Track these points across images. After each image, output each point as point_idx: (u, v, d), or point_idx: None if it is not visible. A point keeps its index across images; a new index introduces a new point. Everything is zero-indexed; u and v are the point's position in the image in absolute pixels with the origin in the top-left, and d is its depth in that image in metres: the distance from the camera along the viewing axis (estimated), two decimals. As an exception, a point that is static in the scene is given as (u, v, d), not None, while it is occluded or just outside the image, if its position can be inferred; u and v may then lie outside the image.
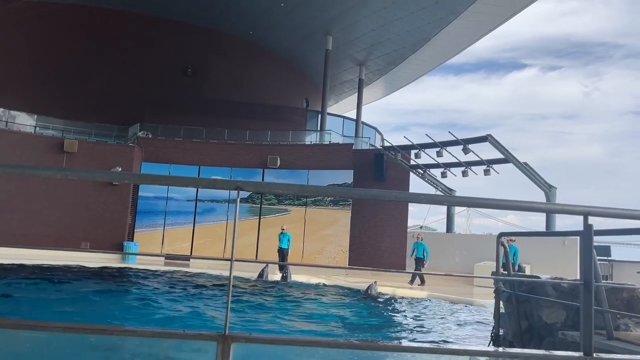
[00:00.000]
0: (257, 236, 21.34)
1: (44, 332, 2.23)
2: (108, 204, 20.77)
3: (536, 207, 2.42)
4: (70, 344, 2.34)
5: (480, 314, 10.82)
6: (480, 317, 10.34)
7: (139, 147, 22.11)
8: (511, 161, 17.65)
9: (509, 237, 8.78)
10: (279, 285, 14.14)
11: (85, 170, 2.41)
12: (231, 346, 2.01)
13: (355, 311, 10.68)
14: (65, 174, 2.11)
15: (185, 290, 11.93)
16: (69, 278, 12.65)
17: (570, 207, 2.31)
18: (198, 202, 22.22)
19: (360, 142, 24.30)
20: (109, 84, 25.68)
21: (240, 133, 23.54)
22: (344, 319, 9.50)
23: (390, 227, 20.38)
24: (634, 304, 4.30)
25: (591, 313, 2.31)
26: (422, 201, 2.18)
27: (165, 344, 2.15)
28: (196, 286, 12.76)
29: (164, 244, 21.78)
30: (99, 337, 2.11)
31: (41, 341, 2.26)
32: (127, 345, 2.75)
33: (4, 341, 2.23)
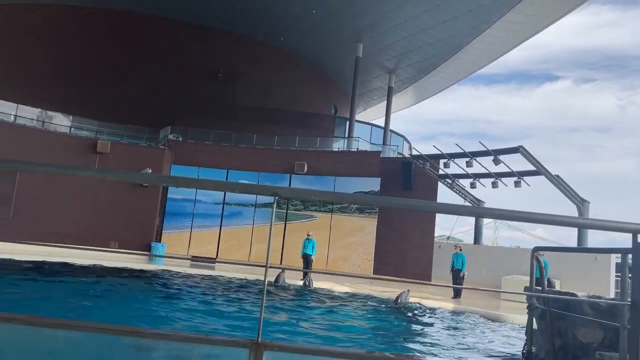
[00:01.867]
0: (282, 241, 21.37)
1: (78, 331, 2.23)
2: (137, 204, 21.11)
3: (583, 224, 2.32)
4: (103, 345, 2.34)
5: (510, 329, 10.57)
6: (510, 332, 10.10)
7: (169, 149, 22.43)
8: (543, 173, 17.29)
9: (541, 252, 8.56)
10: (303, 291, 14.09)
11: (123, 172, 2.42)
12: (263, 354, 1.97)
13: (383, 321, 10.56)
14: (104, 175, 2.11)
15: (213, 294, 11.99)
16: (97, 277, 12.85)
17: (618, 224, 2.21)
18: (225, 205, 22.39)
19: (388, 150, 24.16)
20: (142, 88, 26.18)
21: (269, 138, 23.68)
22: (372, 329, 9.39)
23: (417, 237, 20.16)
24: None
25: (638, 335, 2.20)
26: (463, 213, 2.11)
27: (196, 349, 2.13)
28: (224, 290, 12.81)
29: (190, 246, 22.00)
30: (131, 339, 2.10)
31: (75, 341, 2.27)
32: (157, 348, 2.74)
33: (38, 340, 2.24)
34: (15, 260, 13.59)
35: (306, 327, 8.26)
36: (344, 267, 20.26)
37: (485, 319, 12.14)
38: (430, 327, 10.56)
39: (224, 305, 9.94)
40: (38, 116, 21.83)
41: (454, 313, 12.86)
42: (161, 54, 26.68)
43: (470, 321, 11.76)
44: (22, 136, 19.68)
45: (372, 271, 20.07)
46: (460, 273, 16.13)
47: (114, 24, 25.97)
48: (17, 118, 20.67)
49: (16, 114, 20.76)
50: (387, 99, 30.67)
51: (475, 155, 18.26)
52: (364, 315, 11.30)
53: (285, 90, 29.18)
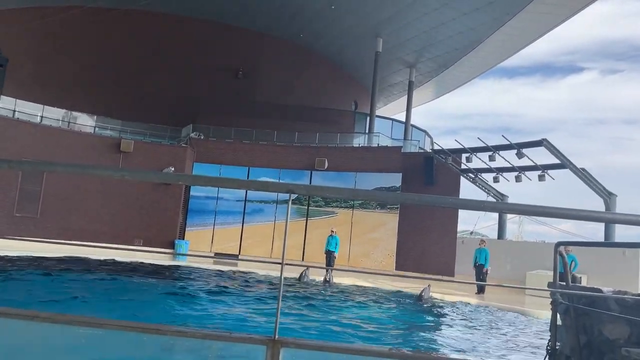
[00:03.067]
0: (304, 238, 21.44)
1: (100, 329, 2.26)
2: (161, 202, 21.40)
3: (608, 218, 2.27)
4: (124, 341, 2.38)
5: (534, 324, 10.43)
6: (534, 328, 9.96)
7: (191, 147, 22.66)
8: (568, 167, 16.96)
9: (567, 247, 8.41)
10: (324, 288, 14.12)
11: (141, 171, 2.45)
12: (280, 351, 1.98)
13: (404, 317, 10.51)
14: (121, 175, 2.14)
15: (234, 290, 12.09)
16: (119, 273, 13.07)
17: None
18: (247, 202, 22.54)
19: (410, 145, 23.99)
20: (163, 87, 26.49)
21: (289, 135, 23.74)
22: (394, 324, 9.37)
23: (439, 232, 19.99)
24: None
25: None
26: (486, 209, 2.08)
27: (215, 345, 2.16)
28: (245, 287, 12.91)
29: (213, 243, 22.22)
30: (152, 336, 2.13)
31: (96, 338, 2.30)
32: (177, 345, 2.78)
33: (62, 337, 2.29)
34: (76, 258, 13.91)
35: (325, 324, 8.27)
36: (366, 263, 20.23)
37: (509, 315, 12.00)
38: (452, 323, 10.48)
39: (244, 302, 10.02)
40: (63, 117, 22.27)
41: (477, 308, 12.74)
42: (181, 53, 26.93)
43: (493, 316, 11.64)
44: (49, 136, 20.11)
45: (394, 267, 19.99)
46: (483, 268, 16.00)
47: (136, 24, 26.30)
48: (43, 119, 21.12)
49: (42, 115, 21.21)
50: (408, 94, 30.43)
51: (498, 149, 18.01)
52: (385, 311, 11.27)
53: (305, 87, 29.20)
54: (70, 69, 26.17)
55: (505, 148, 17.79)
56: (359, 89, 32.59)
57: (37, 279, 10.48)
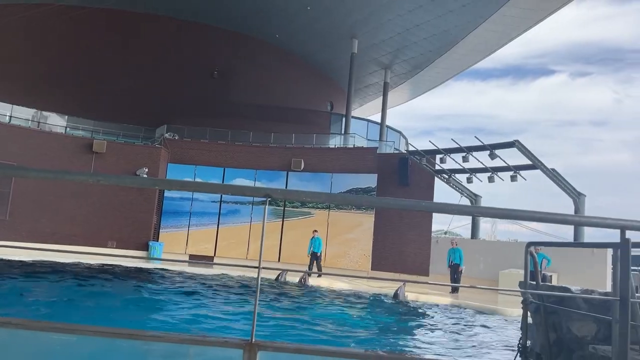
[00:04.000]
0: (280, 239, 21.40)
1: (72, 334, 2.24)
2: (135, 204, 21.11)
3: (571, 220, 2.35)
4: (97, 347, 2.36)
5: (506, 323, 10.63)
6: (506, 326, 10.15)
7: (165, 148, 22.41)
8: (539, 167, 17.33)
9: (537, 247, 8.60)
10: (300, 290, 14.13)
11: (116, 177, 2.43)
12: (257, 354, 1.99)
13: (380, 318, 10.60)
14: (97, 180, 2.13)
15: (209, 293, 12.01)
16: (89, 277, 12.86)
17: (605, 221, 2.24)
18: (222, 203, 22.40)
19: (385, 146, 24.16)
20: (137, 86, 26.12)
21: (265, 136, 23.67)
22: (370, 326, 9.44)
23: (415, 232, 20.19)
24: (669, 319, 4.15)
25: (627, 330, 2.24)
26: (453, 212, 2.14)
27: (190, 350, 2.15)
28: (221, 290, 12.84)
29: (188, 245, 22.01)
30: (125, 341, 2.12)
31: (69, 344, 2.28)
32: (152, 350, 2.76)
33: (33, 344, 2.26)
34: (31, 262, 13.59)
35: (302, 326, 8.29)
36: (342, 264, 20.29)
37: (481, 314, 12.20)
38: (426, 323, 10.61)
39: (219, 305, 9.97)
40: (33, 116, 21.79)
41: (451, 308, 12.92)
42: (156, 53, 26.62)
43: (466, 316, 11.82)
44: (18, 137, 19.65)
45: (370, 267, 20.12)
46: (459, 268, 16.24)
47: (109, 22, 25.87)
48: (12, 119, 20.63)
49: (11, 115, 20.71)
50: (383, 95, 30.66)
51: (472, 150, 18.28)
52: (361, 312, 11.34)
53: (281, 88, 29.15)
54: (40, 68, 25.58)
55: (478, 149, 18.08)
56: (334, 90, 32.70)
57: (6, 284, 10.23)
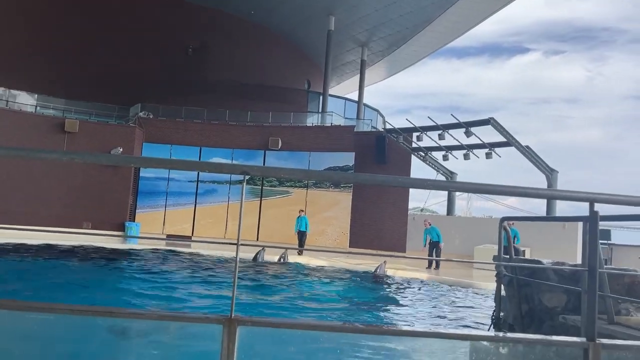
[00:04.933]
0: (258, 218, 21.40)
1: (50, 313, 2.23)
2: (109, 184, 20.81)
3: (541, 194, 2.41)
4: (76, 326, 2.36)
5: (480, 296, 10.90)
6: (480, 300, 10.42)
7: (139, 127, 22.06)
8: (513, 144, 17.61)
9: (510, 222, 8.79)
10: (280, 268, 14.22)
11: (91, 154, 2.39)
12: (237, 329, 2.01)
13: (358, 294, 10.76)
14: (71, 158, 2.10)
15: (188, 272, 12.01)
16: (69, 258, 12.72)
17: (575, 194, 2.30)
18: (199, 183, 22.24)
19: (362, 124, 24.19)
20: (109, 64, 25.51)
21: (242, 114, 23.45)
22: (348, 300, 9.58)
23: (392, 210, 20.41)
24: (635, 288, 4.32)
25: (595, 300, 2.32)
26: (429, 187, 2.17)
27: (171, 326, 2.17)
28: (199, 268, 12.84)
29: (165, 225, 21.86)
30: (104, 319, 2.12)
31: (48, 323, 2.28)
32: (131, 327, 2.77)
33: (10, 323, 2.25)
34: None
35: (281, 302, 8.38)
36: (321, 242, 20.43)
37: (457, 288, 12.47)
38: (404, 297, 10.82)
39: (199, 284, 9.99)
40: (1, 95, 21.16)
41: (428, 283, 13.18)
42: (129, 30, 25.94)
43: (443, 290, 12.08)
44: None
45: (348, 244, 20.31)
46: (438, 244, 16.46)
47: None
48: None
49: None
50: (360, 73, 30.57)
51: (448, 128, 18.46)
52: (339, 288, 11.49)
53: (258, 65, 28.80)
54: (8, 45, 24.73)
55: (454, 127, 18.26)
56: (312, 68, 32.45)
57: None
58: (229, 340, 1.95)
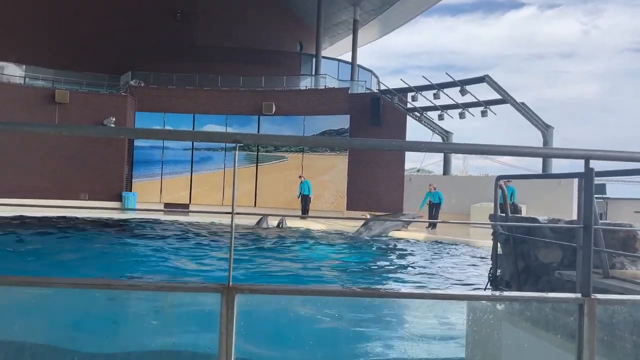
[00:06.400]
0: (255, 184, 21.42)
1: (49, 287, 2.24)
2: (104, 155, 20.71)
3: (537, 152, 2.39)
4: (75, 299, 2.37)
5: (477, 255, 11.04)
6: (477, 258, 10.56)
7: (131, 96, 21.81)
8: (509, 102, 17.52)
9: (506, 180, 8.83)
10: (278, 233, 14.34)
11: (79, 127, 2.36)
12: (235, 297, 2.03)
13: (356, 257, 10.88)
14: (59, 131, 2.06)
15: (186, 240, 12.09)
16: (68, 230, 12.77)
17: (570, 151, 2.29)
18: (194, 151, 22.15)
19: (356, 86, 23.96)
20: (98, 32, 24.98)
21: (234, 80, 23.16)
22: (345, 264, 9.70)
23: (388, 172, 20.45)
24: (629, 242, 4.36)
25: (590, 256, 2.33)
26: (423, 149, 2.15)
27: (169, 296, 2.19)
28: (198, 236, 12.92)
29: (162, 194, 21.89)
30: (103, 291, 2.13)
31: (47, 297, 2.29)
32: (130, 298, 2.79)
33: (9, 298, 2.26)
34: None
35: (281, 268, 8.47)
36: (318, 205, 20.49)
37: (454, 247, 12.63)
38: (401, 258, 10.95)
39: (198, 252, 10.08)
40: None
41: (424, 242, 13.33)
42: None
43: (440, 250, 12.23)
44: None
45: (344, 207, 20.44)
46: (439, 206, 16.80)
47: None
48: (-35, 71, 19.65)
49: (-36, 67, 19.71)
50: (353, 33, 29.98)
51: (442, 87, 18.31)
52: (337, 252, 11.61)
53: (248, 28, 28.23)
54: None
55: (449, 85, 18.11)
56: (303, 29, 31.83)
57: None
58: (227, 308, 1.96)
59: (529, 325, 3.64)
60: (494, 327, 3.69)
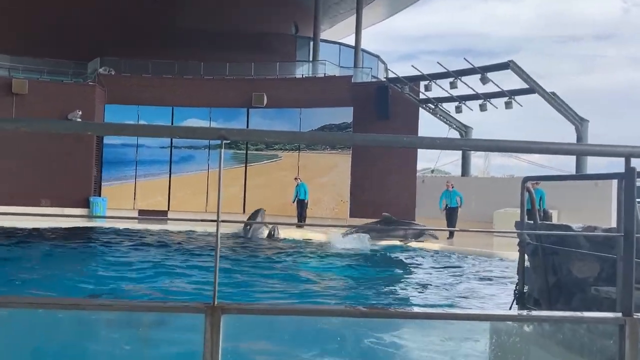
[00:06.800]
0: (243, 186, 21.41)
1: (6, 308, 2.23)
2: (70, 154, 20.69)
3: (570, 150, 2.40)
4: (35, 321, 2.36)
5: (501, 268, 11.04)
6: (501, 271, 10.55)
7: (100, 86, 21.82)
8: (537, 91, 17.55)
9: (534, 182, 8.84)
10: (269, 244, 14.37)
11: (40, 120, 2.36)
12: (221, 318, 2.03)
13: (361, 270, 10.88)
14: (16, 126, 2.06)
15: (165, 253, 12.08)
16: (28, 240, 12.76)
17: (608, 148, 2.29)
18: (173, 149, 22.15)
19: (361, 74, 23.98)
20: (62, 13, 24.98)
21: (219, 67, 23.17)
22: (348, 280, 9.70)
23: (398, 172, 20.44)
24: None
25: (632, 269, 2.33)
26: (438, 146, 2.15)
27: (146, 317, 2.18)
28: (178, 249, 12.91)
29: (136, 199, 21.87)
30: (70, 312, 2.12)
31: (3, 319, 2.28)
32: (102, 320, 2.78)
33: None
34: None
35: (273, 284, 8.47)
36: (316, 212, 20.47)
37: (474, 259, 12.62)
38: (415, 272, 10.95)
39: (178, 266, 10.07)
40: None
41: (441, 254, 13.32)
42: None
43: (458, 262, 12.22)
44: None
45: (348, 214, 20.42)
46: (457, 210, 16.72)
47: None
48: None
49: None
50: (357, 13, 29.99)
51: (460, 75, 18.31)
52: (339, 264, 11.60)
53: (236, 9, 28.24)
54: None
55: (467, 73, 18.12)
56: (299, 9, 31.84)
57: None
58: (212, 330, 1.96)
59: (561, 349, 3.64)
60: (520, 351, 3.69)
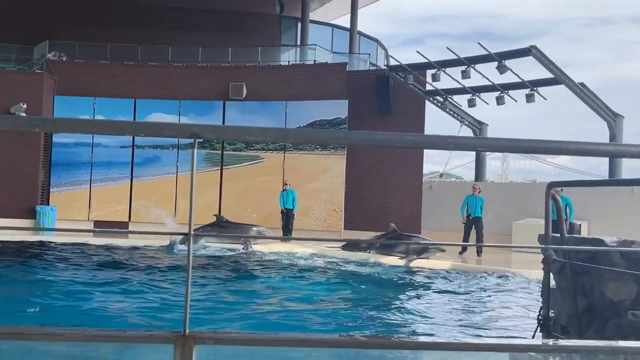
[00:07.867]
0: (218, 193, 21.37)
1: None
2: (12, 154, 20.59)
3: (602, 150, 2.41)
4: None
5: (522, 289, 11.09)
6: (523, 293, 10.60)
7: (49, 74, 21.76)
8: (563, 82, 17.65)
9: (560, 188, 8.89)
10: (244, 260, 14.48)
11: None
12: (194, 349, 2.02)
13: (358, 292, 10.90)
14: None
15: (127, 272, 12.07)
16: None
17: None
18: (136, 148, 22.09)
19: (357, 61, 24.05)
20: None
21: (191, 52, 23.18)
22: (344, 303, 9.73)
23: (400, 177, 20.48)
24: None
25: (675, 290, 2.35)
26: (448, 146, 2.16)
27: (103, 349, 2.17)
28: (141, 267, 12.90)
29: (91, 208, 21.77)
30: (12, 343, 2.11)
31: None
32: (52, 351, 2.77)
33: None
34: None
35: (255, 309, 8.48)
36: (305, 223, 20.49)
37: (490, 278, 12.67)
38: (422, 294, 10.98)
39: (142, 288, 10.05)
40: None
41: (451, 273, 13.36)
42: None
43: (471, 282, 12.26)
44: None
45: (342, 226, 20.43)
46: (480, 221, 16.53)
47: None
48: None
49: None
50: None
51: (474, 62, 18.38)
52: (332, 285, 11.62)
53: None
54: None
55: (482, 60, 18.19)
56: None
57: None
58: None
59: (593, 385, 3.66)
60: (546, 388, 3.71)
